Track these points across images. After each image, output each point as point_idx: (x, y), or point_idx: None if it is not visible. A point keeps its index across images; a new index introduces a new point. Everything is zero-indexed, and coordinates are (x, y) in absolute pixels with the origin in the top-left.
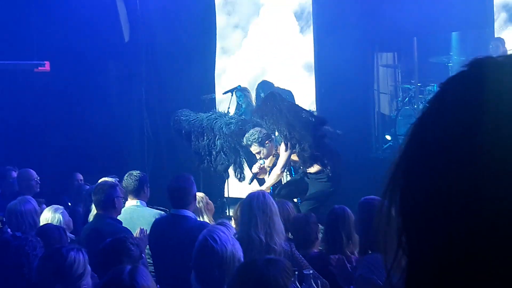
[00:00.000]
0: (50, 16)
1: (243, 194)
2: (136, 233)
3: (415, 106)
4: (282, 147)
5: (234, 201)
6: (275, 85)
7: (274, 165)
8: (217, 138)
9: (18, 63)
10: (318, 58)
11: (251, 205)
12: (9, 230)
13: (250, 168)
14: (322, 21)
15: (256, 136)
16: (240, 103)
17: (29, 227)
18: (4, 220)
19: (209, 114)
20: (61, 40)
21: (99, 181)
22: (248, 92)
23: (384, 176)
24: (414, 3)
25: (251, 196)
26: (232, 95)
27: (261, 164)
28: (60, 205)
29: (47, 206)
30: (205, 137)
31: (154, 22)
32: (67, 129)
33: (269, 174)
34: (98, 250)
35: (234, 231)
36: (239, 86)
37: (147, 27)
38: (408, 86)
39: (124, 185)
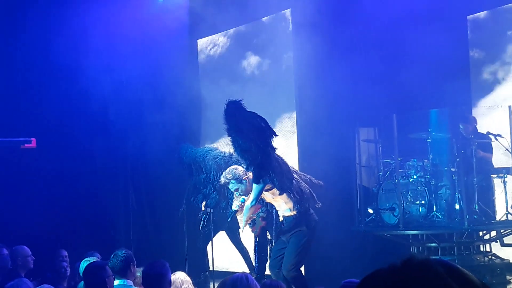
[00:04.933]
0: (36, 93)
1: (228, 268)
2: None
3: (396, 180)
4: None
5: (219, 274)
6: None
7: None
8: (212, 172)
9: (4, 140)
10: (300, 132)
11: None
12: None
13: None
14: (305, 98)
15: (233, 173)
16: None
17: None
18: None
19: (202, 149)
20: (47, 117)
21: (85, 262)
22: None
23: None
24: (393, 81)
25: (235, 278)
26: None
27: (241, 202)
28: (44, 282)
29: (32, 283)
30: (203, 171)
31: (141, 98)
32: (53, 205)
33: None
34: None
35: None
36: None
37: (134, 103)
38: (389, 160)
39: (110, 265)
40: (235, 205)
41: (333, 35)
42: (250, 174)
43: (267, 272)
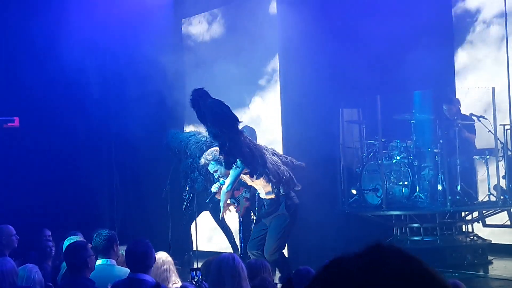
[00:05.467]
0: (18, 72)
1: (211, 248)
2: None
3: (379, 161)
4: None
5: (202, 254)
6: None
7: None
8: (196, 157)
9: None
10: (285, 112)
11: (220, 269)
12: None
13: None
14: (289, 78)
15: (213, 155)
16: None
17: (9, 286)
18: None
19: (186, 133)
20: (30, 96)
21: (68, 241)
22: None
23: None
24: (377, 62)
25: (221, 259)
26: None
27: (220, 184)
28: (28, 261)
29: (16, 262)
30: (189, 156)
31: (124, 76)
32: (36, 185)
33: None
34: None
35: None
36: None
37: (118, 83)
38: (373, 141)
39: (93, 244)
40: (214, 187)
41: (319, 16)
42: None
43: None
